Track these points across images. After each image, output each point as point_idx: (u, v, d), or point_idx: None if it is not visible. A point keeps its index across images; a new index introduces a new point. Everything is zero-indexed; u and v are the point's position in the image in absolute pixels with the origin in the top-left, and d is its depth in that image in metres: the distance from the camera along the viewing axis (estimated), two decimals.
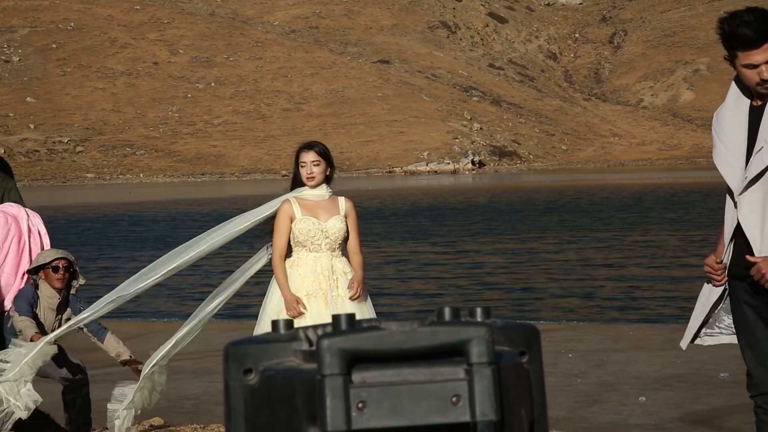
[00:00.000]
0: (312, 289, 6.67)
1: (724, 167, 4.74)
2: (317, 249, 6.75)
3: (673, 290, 18.51)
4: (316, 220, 6.75)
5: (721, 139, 4.77)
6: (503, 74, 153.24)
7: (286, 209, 6.80)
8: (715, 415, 8.88)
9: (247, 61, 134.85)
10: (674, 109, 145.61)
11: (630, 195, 51.53)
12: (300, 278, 6.70)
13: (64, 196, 70.49)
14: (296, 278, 6.71)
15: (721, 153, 4.77)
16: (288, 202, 6.83)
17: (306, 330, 1.53)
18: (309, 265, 6.72)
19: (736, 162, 4.70)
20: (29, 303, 7.64)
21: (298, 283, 6.69)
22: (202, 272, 23.59)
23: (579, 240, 28.39)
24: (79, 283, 7.88)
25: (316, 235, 6.73)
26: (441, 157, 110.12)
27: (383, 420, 1.41)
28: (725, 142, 4.75)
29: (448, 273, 22.22)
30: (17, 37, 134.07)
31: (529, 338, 1.54)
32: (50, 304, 7.71)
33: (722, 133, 4.77)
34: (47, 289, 7.68)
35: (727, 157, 4.73)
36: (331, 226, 6.76)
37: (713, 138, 4.85)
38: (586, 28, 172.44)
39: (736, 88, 4.77)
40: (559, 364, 11.08)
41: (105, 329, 7.45)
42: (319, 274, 6.70)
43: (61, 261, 7.71)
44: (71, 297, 7.86)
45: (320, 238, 6.75)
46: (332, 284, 6.69)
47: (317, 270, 6.71)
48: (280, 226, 6.79)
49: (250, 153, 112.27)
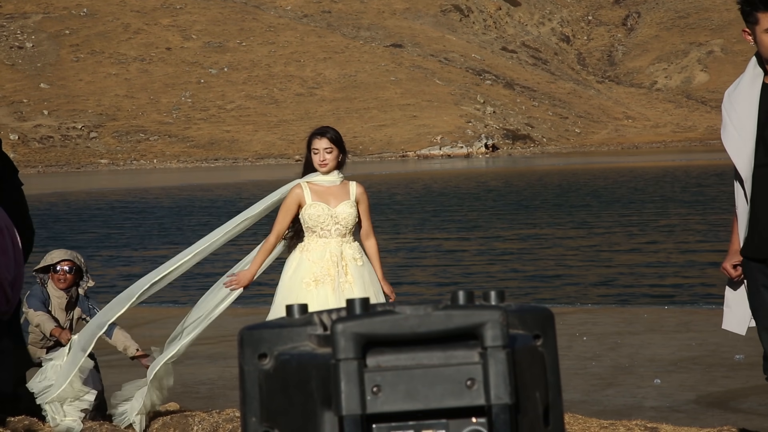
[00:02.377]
0: (320, 274, 6.67)
1: (732, 149, 4.69)
2: (327, 235, 6.75)
3: (689, 273, 18.48)
4: (326, 205, 6.75)
5: (731, 120, 4.72)
6: (516, 57, 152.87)
7: (297, 193, 6.80)
8: (730, 398, 8.87)
9: (259, 46, 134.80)
10: (688, 90, 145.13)
11: (643, 177, 51.39)
12: (309, 263, 6.70)
13: (78, 182, 70.64)
14: (305, 263, 6.71)
15: (730, 135, 4.72)
16: (299, 187, 6.82)
17: (320, 314, 1.54)
18: (318, 250, 6.72)
19: (745, 145, 4.66)
20: (41, 300, 7.79)
21: (307, 268, 6.70)
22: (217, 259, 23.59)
23: (592, 223, 28.35)
24: (87, 284, 7.98)
25: (326, 221, 6.73)
26: (454, 141, 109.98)
27: (398, 404, 1.41)
28: (735, 124, 4.70)
29: (462, 258, 22.21)
30: (30, 24, 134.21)
31: (544, 321, 1.54)
32: (59, 303, 7.89)
33: (733, 114, 4.71)
34: (54, 288, 7.84)
35: (736, 140, 4.69)
36: (341, 212, 6.76)
37: (723, 117, 4.79)
38: (599, 10, 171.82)
39: (754, 65, 4.70)
40: (573, 347, 11.07)
41: (113, 324, 7.50)
42: (328, 260, 6.69)
43: (65, 263, 7.82)
44: (81, 296, 7.97)
45: (330, 224, 6.74)
46: (340, 270, 6.69)
47: (326, 256, 6.70)
48: (286, 208, 6.81)
49: (263, 138, 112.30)
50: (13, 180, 7.94)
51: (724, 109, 4.77)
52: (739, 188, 4.72)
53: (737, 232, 4.80)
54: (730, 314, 4.95)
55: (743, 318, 4.89)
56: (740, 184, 4.71)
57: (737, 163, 4.67)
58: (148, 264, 22.49)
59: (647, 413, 8.29)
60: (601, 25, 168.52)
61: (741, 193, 4.71)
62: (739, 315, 4.91)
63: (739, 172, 4.68)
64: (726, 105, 4.77)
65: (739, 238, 4.80)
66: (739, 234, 4.79)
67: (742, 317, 4.90)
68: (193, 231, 29.93)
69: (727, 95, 4.79)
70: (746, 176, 4.66)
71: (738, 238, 4.80)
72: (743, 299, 4.87)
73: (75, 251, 8.12)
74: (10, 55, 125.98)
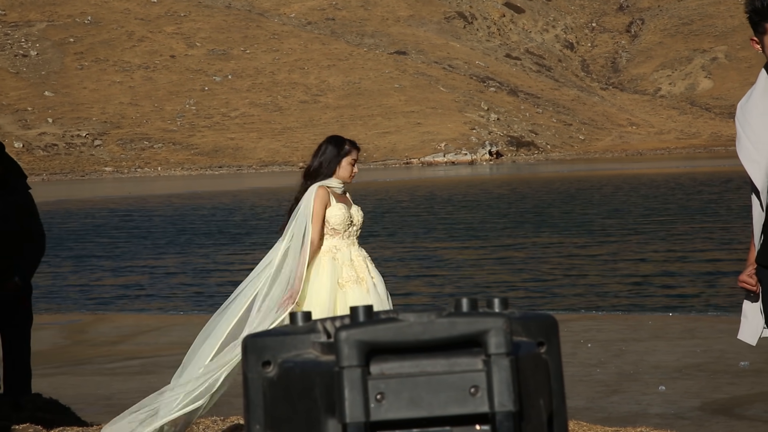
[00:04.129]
0: (354, 276, 6.66)
1: (748, 163, 4.67)
2: (349, 236, 6.77)
3: (693, 280, 18.45)
4: (347, 208, 6.77)
5: (745, 133, 4.69)
6: (520, 64, 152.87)
7: (323, 195, 6.71)
8: (735, 404, 8.86)
9: (263, 54, 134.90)
10: (692, 97, 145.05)
11: (647, 184, 51.35)
12: (338, 265, 6.66)
13: (83, 190, 70.68)
14: (331, 265, 6.65)
15: (745, 148, 4.69)
16: (324, 189, 6.73)
17: (324, 322, 1.54)
18: (344, 251, 6.72)
19: (762, 159, 4.63)
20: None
21: (336, 270, 6.65)
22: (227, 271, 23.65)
23: (596, 230, 28.33)
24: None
25: (348, 223, 6.74)
26: (458, 147, 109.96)
27: (402, 411, 1.41)
28: (750, 137, 4.67)
29: (466, 265, 22.20)
30: (35, 32, 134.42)
31: (548, 328, 1.54)
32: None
33: (747, 127, 4.68)
34: None
35: (752, 153, 4.66)
36: (355, 215, 6.80)
37: (737, 129, 4.77)
38: (603, 17, 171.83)
39: (765, 77, 4.67)
40: (578, 354, 11.06)
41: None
42: (354, 261, 6.71)
43: None
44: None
45: (350, 226, 6.76)
46: (369, 270, 6.71)
47: (351, 257, 6.71)
48: (317, 212, 6.68)
49: (267, 145, 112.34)
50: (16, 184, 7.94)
51: (737, 122, 4.75)
52: (755, 200, 4.71)
53: (754, 243, 4.80)
54: (747, 324, 4.93)
55: (756, 329, 4.89)
56: (756, 196, 4.70)
57: (753, 175, 4.65)
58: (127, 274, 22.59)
59: (652, 420, 8.28)
60: (605, 32, 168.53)
61: (757, 204, 4.70)
62: (753, 326, 4.91)
63: (755, 185, 4.67)
64: (739, 118, 4.74)
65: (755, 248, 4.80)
66: (755, 244, 4.79)
67: (756, 328, 4.90)
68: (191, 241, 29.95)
69: (740, 108, 4.76)
70: (762, 188, 4.65)
71: (755, 248, 4.80)
72: (759, 310, 4.87)
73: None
74: (15, 63, 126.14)
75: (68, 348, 13.33)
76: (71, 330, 14.90)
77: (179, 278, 21.70)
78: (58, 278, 22.34)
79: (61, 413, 7.67)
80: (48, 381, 10.79)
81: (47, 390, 9.50)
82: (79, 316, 16.66)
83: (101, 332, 14.54)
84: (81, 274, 23.01)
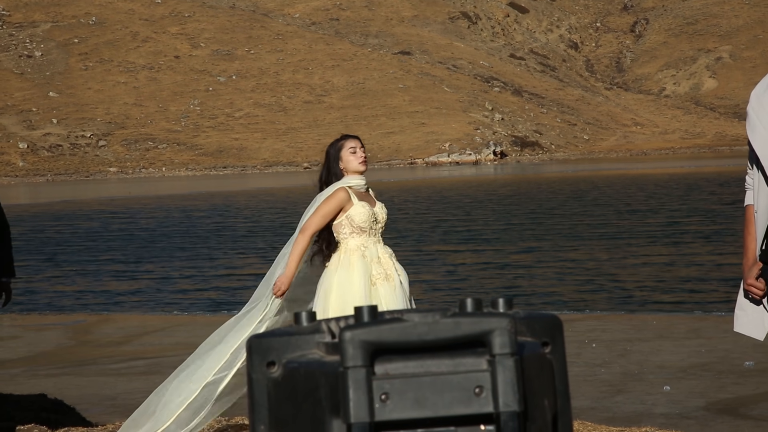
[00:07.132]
0: (383, 273, 6.64)
1: (759, 143, 4.62)
2: (374, 234, 6.74)
3: (698, 280, 18.44)
4: (370, 206, 6.73)
5: (759, 118, 4.66)
6: (524, 64, 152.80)
7: (342, 196, 6.63)
8: (740, 404, 8.84)
9: (268, 54, 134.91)
10: (697, 97, 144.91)
11: (653, 184, 51.32)
12: (367, 262, 6.64)
13: (87, 191, 70.73)
14: (361, 262, 6.60)
15: (757, 129, 4.65)
16: (344, 190, 6.65)
17: (328, 322, 1.54)
18: (371, 249, 6.70)
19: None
20: None
21: (366, 267, 6.62)
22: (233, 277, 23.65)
23: (601, 230, 28.30)
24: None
25: (372, 221, 6.70)
26: (463, 147, 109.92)
27: (406, 411, 1.41)
28: (764, 122, 4.64)
29: (470, 265, 22.19)
30: (39, 32, 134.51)
31: (552, 328, 1.53)
32: None
33: (763, 114, 4.65)
34: None
35: (764, 135, 4.62)
36: (379, 211, 6.78)
37: (750, 117, 4.71)
38: (607, 17, 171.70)
39: None
40: (582, 354, 11.05)
41: None
42: (381, 258, 6.69)
43: None
44: None
45: (375, 224, 6.73)
46: (395, 268, 6.71)
47: (379, 254, 6.69)
48: (326, 209, 6.62)
49: (271, 146, 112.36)
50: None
51: (752, 110, 4.70)
52: (762, 189, 4.62)
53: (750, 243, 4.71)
54: (744, 317, 4.85)
55: (761, 322, 4.80)
56: (765, 182, 4.61)
57: (763, 158, 4.59)
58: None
59: (657, 420, 8.27)
60: (610, 32, 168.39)
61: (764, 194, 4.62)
62: (755, 319, 4.81)
63: (766, 171, 4.60)
64: (755, 106, 4.70)
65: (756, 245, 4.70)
66: (757, 240, 4.70)
67: (760, 321, 4.80)
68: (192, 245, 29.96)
69: (756, 97, 4.72)
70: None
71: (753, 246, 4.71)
72: (764, 306, 4.78)
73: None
74: (19, 64, 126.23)
75: (73, 348, 13.34)
76: (76, 330, 14.91)
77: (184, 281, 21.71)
78: (62, 279, 22.36)
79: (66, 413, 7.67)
80: (53, 381, 10.80)
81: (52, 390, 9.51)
82: (83, 316, 16.67)
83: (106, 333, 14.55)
84: (86, 276, 23.03)
